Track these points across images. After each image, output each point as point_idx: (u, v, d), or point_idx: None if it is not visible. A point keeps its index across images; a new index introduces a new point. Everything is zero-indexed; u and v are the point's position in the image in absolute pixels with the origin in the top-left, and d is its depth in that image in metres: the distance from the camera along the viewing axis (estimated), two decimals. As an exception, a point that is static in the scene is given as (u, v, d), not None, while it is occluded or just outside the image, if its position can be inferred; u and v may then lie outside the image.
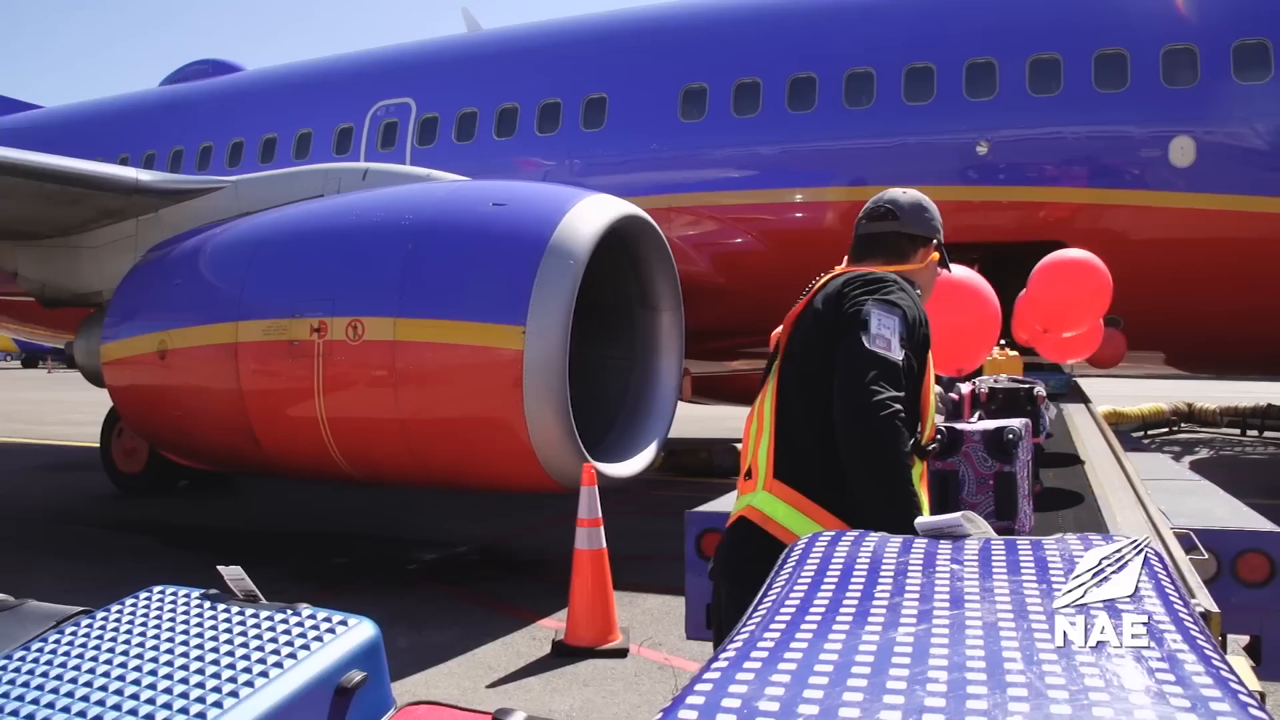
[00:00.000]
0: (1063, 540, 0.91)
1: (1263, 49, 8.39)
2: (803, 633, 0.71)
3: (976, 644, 0.68)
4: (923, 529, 0.98)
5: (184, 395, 7.19)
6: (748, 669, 0.66)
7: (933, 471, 2.56)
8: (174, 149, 13.40)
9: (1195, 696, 0.61)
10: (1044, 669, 0.64)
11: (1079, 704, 0.60)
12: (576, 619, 5.26)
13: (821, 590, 0.80)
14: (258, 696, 1.34)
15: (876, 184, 9.25)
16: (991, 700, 0.60)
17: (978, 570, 0.83)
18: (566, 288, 6.09)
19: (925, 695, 0.60)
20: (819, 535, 0.98)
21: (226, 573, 1.68)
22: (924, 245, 2.53)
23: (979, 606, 0.75)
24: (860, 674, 0.63)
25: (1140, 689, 0.62)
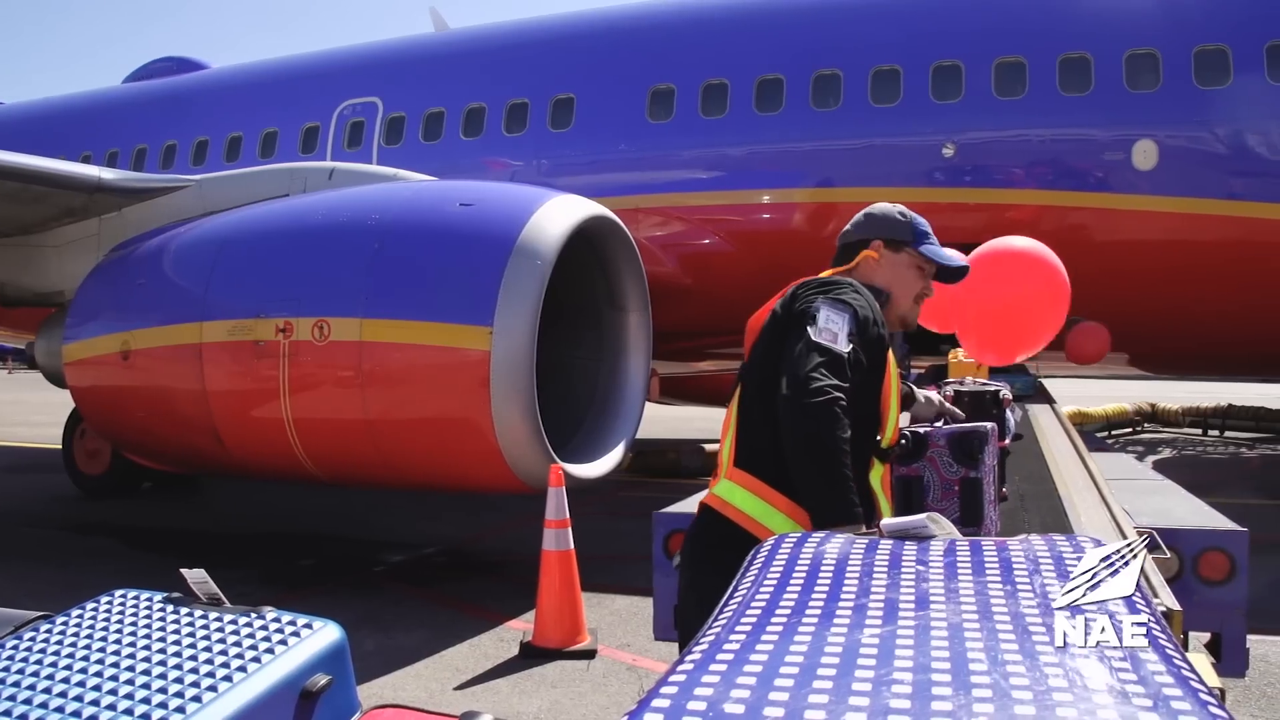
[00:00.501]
0: (1027, 541, 0.92)
1: (1222, 55, 8.50)
2: (768, 634, 0.71)
3: (941, 645, 0.68)
4: (888, 530, 0.99)
5: (148, 396, 7.11)
6: (713, 671, 0.66)
7: (897, 477, 2.60)
8: (137, 147, 13.25)
9: (1157, 695, 0.61)
10: (1009, 669, 0.64)
11: (1043, 704, 0.60)
12: (544, 620, 5.25)
13: (787, 591, 0.80)
14: (222, 701, 1.33)
15: (843, 185, 9.48)
16: (956, 701, 0.60)
17: (943, 572, 0.84)
18: (534, 288, 6.07)
19: (891, 697, 0.60)
20: (785, 536, 0.98)
21: (190, 575, 1.67)
22: (862, 248, 2.61)
23: (944, 608, 0.75)
24: (826, 676, 0.63)
25: (1103, 688, 0.62)
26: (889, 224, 2.63)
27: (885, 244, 2.60)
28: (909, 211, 2.67)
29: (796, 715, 0.59)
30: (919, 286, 2.64)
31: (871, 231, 2.63)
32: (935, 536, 0.95)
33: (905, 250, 2.61)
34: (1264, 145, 8.47)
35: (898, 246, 2.61)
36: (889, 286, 2.59)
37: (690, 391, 14.53)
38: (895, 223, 2.63)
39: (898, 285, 2.60)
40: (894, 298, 2.61)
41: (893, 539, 0.96)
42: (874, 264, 2.60)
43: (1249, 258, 8.47)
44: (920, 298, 2.65)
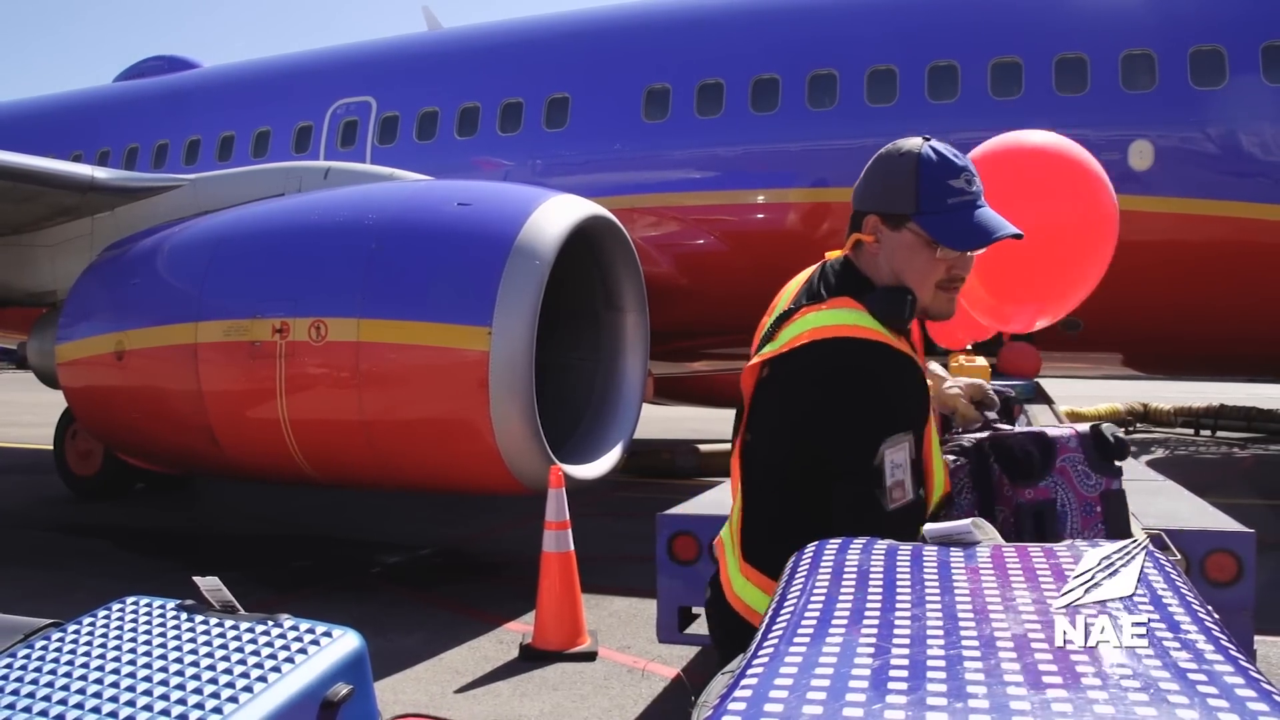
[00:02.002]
0: (1074, 546, 0.91)
1: (1218, 55, 8.52)
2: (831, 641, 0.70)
3: (1010, 660, 0.67)
4: (931, 536, 0.97)
5: (142, 397, 7.08)
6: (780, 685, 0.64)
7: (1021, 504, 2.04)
8: (129, 146, 13.21)
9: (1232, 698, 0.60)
10: (1084, 685, 0.63)
11: (1120, 705, 0.59)
12: (544, 622, 5.23)
13: (840, 599, 0.79)
14: (244, 711, 1.31)
15: (839, 185, 9.45)
16: (1038, 716, 0.59)
17: (995, 580, 0.82)
18: (532, 288, 6.05)
19: (970, 714, 0.59)
20: (826, 543, 0.97)
21: (203, 583, 1.64)
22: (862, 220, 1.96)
23: (1005, 619, 0.74)
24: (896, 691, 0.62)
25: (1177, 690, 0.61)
26: (886, 187, 1.93)
27: (883, 220, 1.92)
28: (931, 151, 1.89)
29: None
30: (938, 272, 1.91)
31: (867, 200, 1.96)
32: (980, 542, 0.93)
33: (907, 226, 1.89)
34: (1259, 146, 8.49)
35: (898, 222, 1.90)
36: (897, 278, 1.91)
37: (685, 392, 14.53)
38: (894, 184, 1.91)
39: (908, 275, 1.91)
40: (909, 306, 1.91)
41: (937, 545, 0.94)
42: (873, 251, 1.94)
43: (1244, 258, 8.49)
44: (949, 284, 1.93)
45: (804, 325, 1.85)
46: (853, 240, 1.97)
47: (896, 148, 1.93)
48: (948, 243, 1.87)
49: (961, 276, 1.94)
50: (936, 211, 1.87)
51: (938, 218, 1.87)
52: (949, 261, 1.89)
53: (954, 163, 1.88)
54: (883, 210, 1.92)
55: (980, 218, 1.88)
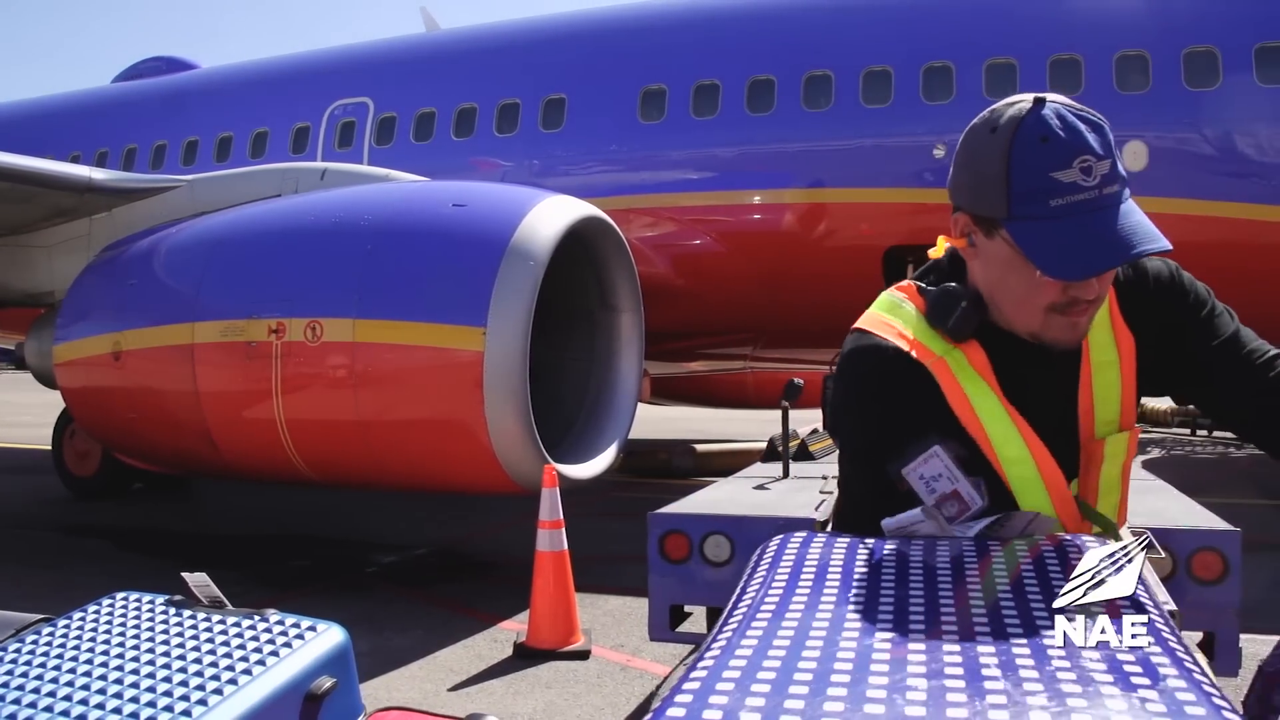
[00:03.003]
0: (1036, 542, 0.93)
1: (1211, 56, 8.54)
2: (781, 636, 0.72)
3: (954, 652, 0.69)
4: (888, 529, 1.00)
5: (139, 397, 7.10)
6: (727, 678, 0.67)
7: None
8: (127, 147, 13.22)
9: (1172, 703, 0.62)
10: (1021, 675, 0.65)
11: (1058, 710, 0.61)
12: (538, 621, 5.25)
13: (796, 592, 0.81)
14: (227, 704, 1.33)
15: (835, 186, 9.49)
16: (971, 709, 0.61)
17: (950, 572, 0.85)
18: (527, 289, 6.08)
19: (905, 704, 0.61)
20: (790, 536, 0.99)
21: (191, 579, 1.67)
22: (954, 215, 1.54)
23: (954, 610, 0.76)
24: (839, 684, 0.64)
25: (1116, 691, 0.63)
26: (974, 177, 1.45)
27: (974, 221, 1.48)
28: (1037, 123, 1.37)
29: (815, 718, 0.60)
30: (1047, 294, 1.42)
31: (957, 193, 1.53)
32: (934, 533, 0.96)
33: (999, 235, 1.43)
34: (1253, 147, 8.51)
35: (990, 228, 1.45)
36: (990, 296, 1.51)
37: (681, 392, 14.54)
38: (983, 173, 1.42)
39: (1001, 296, 1.49)
40: (1004, 311, 1.50)
41: (897, 539, 0.97)
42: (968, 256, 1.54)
43: (1238, 258, 8.51)
44: (1067, 307, 1.43)
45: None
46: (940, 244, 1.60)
47: (991, 120, 1.42)
48: (1043, 265, 1.37)
49: (1084, 299, 1.42)
50: (1034, 217, 1.36)
51: (1035, 226, 1.36)
52: (1061, 282, 1.39)
53: (1069, 144, 1.34)
54: (971, 209, 1.48)
55: (1099, 226, 1.33)
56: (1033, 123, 1.35)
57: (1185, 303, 1.64)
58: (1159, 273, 1.65)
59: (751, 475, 5.96)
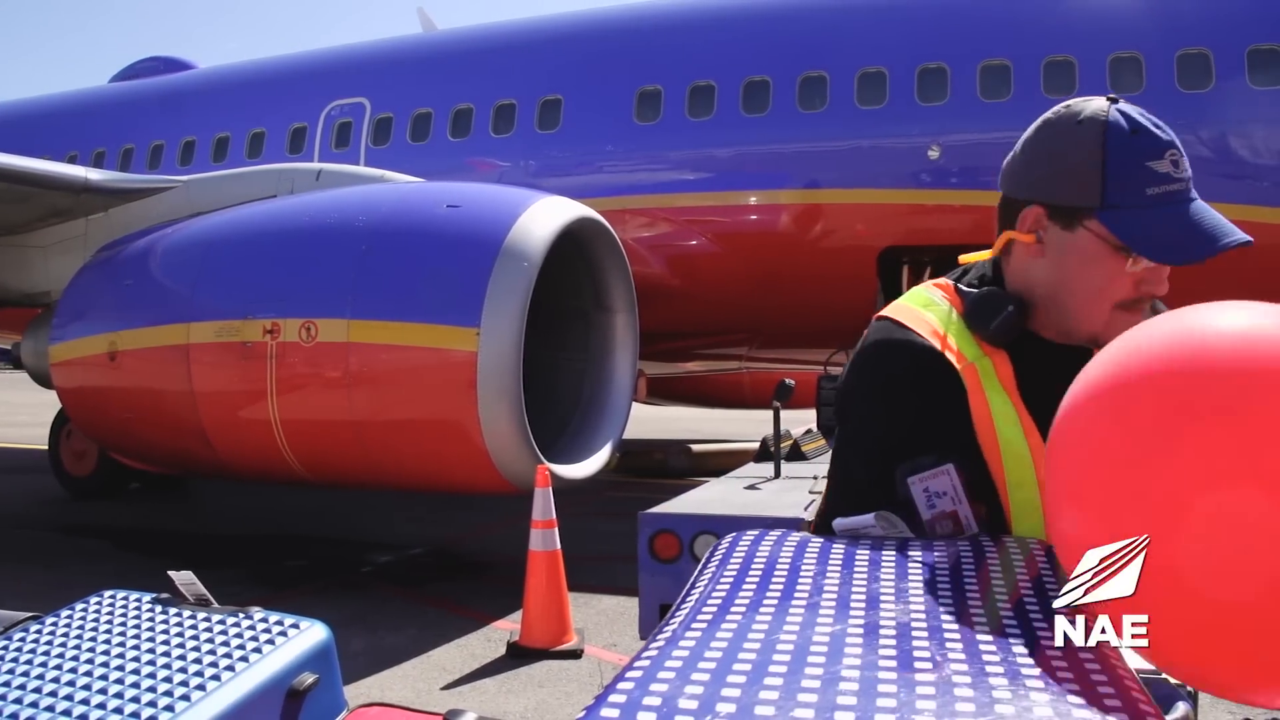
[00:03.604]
0: (975, 541, 0.96)
1: (1204, 59, 8.57)
2: (723, 631, 0.75)
3: (889, 646, 0.72)
4: (839, 529, 1.03)
5: (135, 397, 7.12)
6: (669, 667, 0.70)
7: None
8: (124, 147, 13.24)
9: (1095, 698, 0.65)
10: (952, 669, 0.68)
11: (982, 700, 0.64)
12: (531, 620, 5.28)
13: (743, 589, 0.84)
14: (209, 700, 1.36)
15: (830, 187, 9.52)
16: (900, 699, 0.64)
17: (894, 571, 0.88)
18: (521, 289, 6.11)
19: (837, 694, 0.64)
20: (741, 535, 1.02)
21: (177, 577, 1.69)
22: (1020, 212, 1.46)
23: (894, 608, 0.79)
24: (776, 674, 0.67)
25: (1040, 685, 0.66)
26: (1057, 169, 1.41)
27: (1050, 213, 1.42)
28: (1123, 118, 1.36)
29: (748, 710, 0.63)
30: (1123, 289, 1.40)
31: (1027, 186, 1.47)
32: (885, 535, 0.99)
33: (1086, 225, 1.38)
34: (1246, 149, 8.54)
35: (1071, 218, 1.40)
36: (1052, 296, 1.45)
37: (677, 392, 14.57)
38: (1069, 164, 1.39)
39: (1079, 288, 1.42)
40: (1070, 311, 1.44)
41: (846, 539, 1.00)
42: (1034, 254, 1.46)
43: (1232, 260, 8.53)
44: (1135, 304, 1.41)
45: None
46: (1004, 240, 1.50)
47: (1072, 111, 1.41)
48: (1148, 252, 1.36)
49: (1155, 294, 1.42)
50: (1132, 205, 1.35)
51: (1133, 214, 1.35)
52: (1139, 275, 1.38)
53: (1159, 136, 1.36)
54: (1051, 200, 1.42)
55: (1196, 215, 1.37)
56: (1120, 115, 1.36)
57: None
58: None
59: (743, 475, 6.01)
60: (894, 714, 0.61)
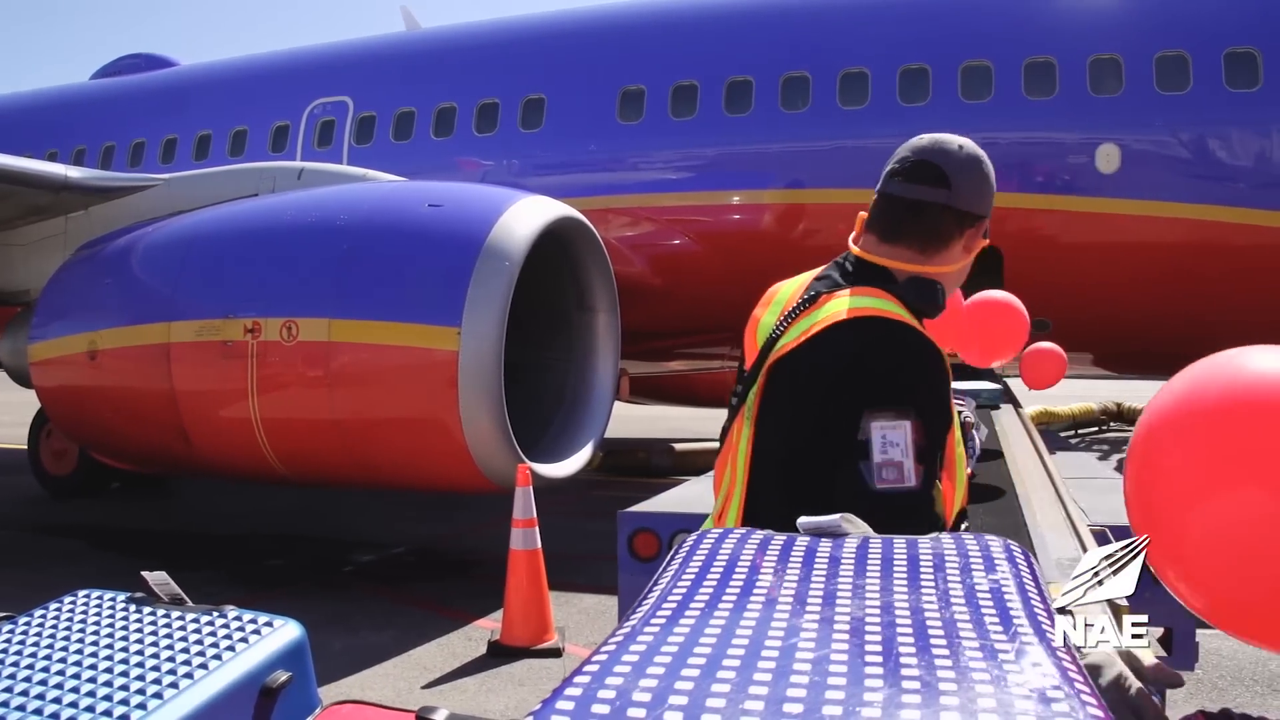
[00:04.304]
0: (937, 540, 0.98)
1: (1183, 61, 8.63)
2: (679, 628, 0.77)
3: (842, 641, 0.74)
4: (804, 528, 1.04)
5: (115, 396, 7.10)
6: (625, 662, 0.71)
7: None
8: (105, 145, 13.18)
9: (1038, 688, 0.67)
10: (901, 663, 0.70)
11: (928, 693, 0.65)
12: (512, 619, 5.29)
13: (703, 586, 0.86)
14: (182, 697, 1.36)
15: (812, 187, 9.54)
16: (848, 691, 0.66)
17: (853, 568, 0.89)
18: (502, 289, 6.11)
19: (788, 687, 0.66)
20: (706, 533, 1.03)
21: (151, 577, 1.70)
22: (971, 228, 1.76)
23: (849, 604, 0.81)
24: (730, 668, 0.69)
25: (986, 679, 0.68)
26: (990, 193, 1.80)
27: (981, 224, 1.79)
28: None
29: (699, 705, 0.64)
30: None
31: (984, 205, 1.78)
32: (849, 534, 1.01)
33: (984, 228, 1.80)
34: (1224, 150, 8.61)
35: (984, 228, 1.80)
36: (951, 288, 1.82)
37: (660, 391, 14.59)
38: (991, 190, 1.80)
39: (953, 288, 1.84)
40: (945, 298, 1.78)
41: (809, 537, 1.01)
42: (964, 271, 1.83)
43: (1210, 260, 8.61)
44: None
45: (834, 308, 1.68)
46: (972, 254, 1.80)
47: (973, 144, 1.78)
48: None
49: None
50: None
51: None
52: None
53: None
54: (987, 215, 1.78)
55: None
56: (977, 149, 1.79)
57: None
58: None
59: (724, 474, 6.02)
60: (840, 705, 0.63)
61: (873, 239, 1.81)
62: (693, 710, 0.63)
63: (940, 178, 1.73)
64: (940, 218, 1.74)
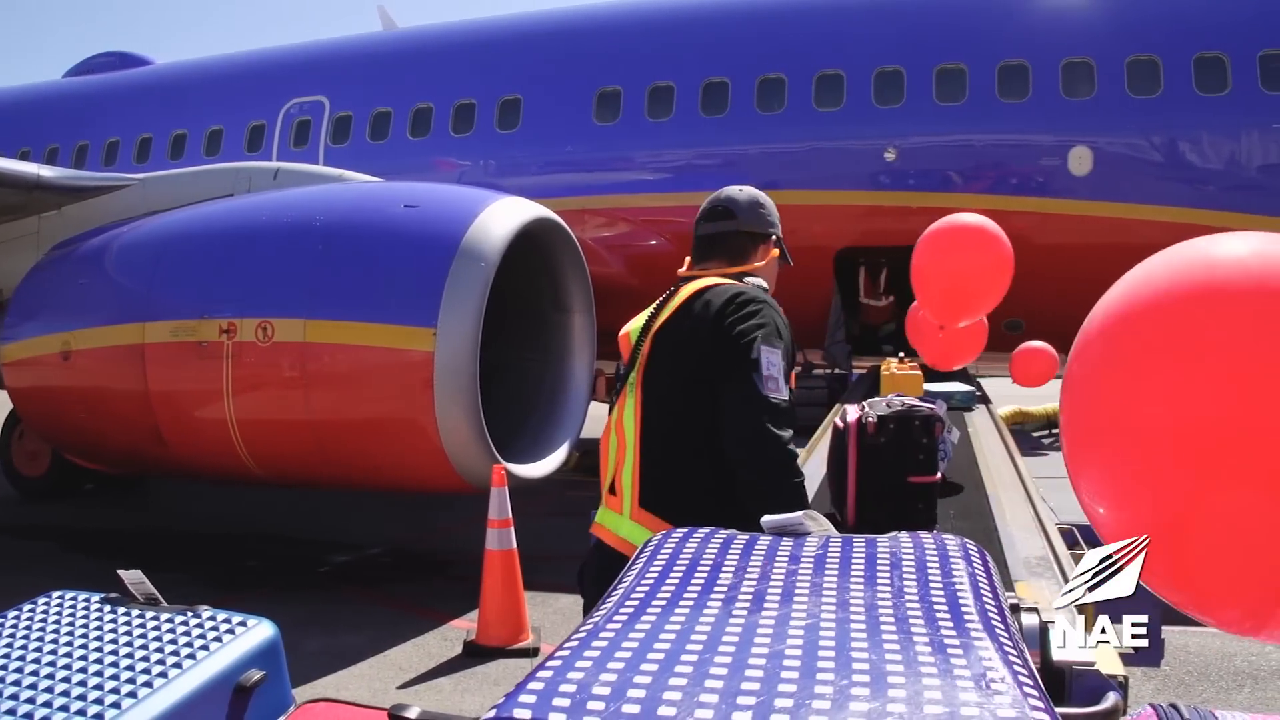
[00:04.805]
0: (895, 539, 1.01)
1: (1154, 65, 8.73)
2: (640, 625, 0.79)
3: (797, 635, 0.76)
4: (768, 526, 1.07)
5: (89, 397, 7.06)
6: (587, 657, 0.73)
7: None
8: (79, 144, 13.08)
9: (981, 678, 0.70)
10: (853, 656, 0.72)
11: (877, 687, 0.68)
12: (487, 619, 5.31)
13: (665, 584, 0.88)
14: (157, 696, 1.38)
15: (789, 188, 9.58)
16: (800, 684, 0.68)
17: (812, 566, 0.92)
18: (477, 290, 6.12)
19: (742, 681, 0.68)
20: (671, 532, 1.06)
21: (127, 576, 1.71)
22: (763, 242, 2.49)
23: (806, 600, 0.84)
24: (688, 662, 0.71)
25: (934, 673, 0.71)
26: (775, 223, 2.52)
27: (775, 242, 2.51)
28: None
29: (655, 699, 0.67)
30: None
31: (770, 227, 2.50)
32: (811, 533, 1.03)
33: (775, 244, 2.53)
34: (1194, 153, 8.71)
35: (778, 246, 2.53)
36: (770, 286, 2.49)
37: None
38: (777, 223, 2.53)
39: (771, 286, 2.50)
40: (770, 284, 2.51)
41: (772, 535, 1.04)
42: (770, 269, 2.50)
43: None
44: None
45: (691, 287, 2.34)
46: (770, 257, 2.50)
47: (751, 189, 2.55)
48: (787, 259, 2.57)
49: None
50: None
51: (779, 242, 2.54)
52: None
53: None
54: (778, 235, 2.52)
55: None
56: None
57: None
58: None
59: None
60: (791, 699, 0.66)
61: (695, 265, 2.50)
62: (650, 703, 0.65)
63: (729, 213, 2.47)
64: (735, 238, 2.46)
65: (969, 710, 0.66)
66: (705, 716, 0.64)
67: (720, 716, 0.64)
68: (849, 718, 0.64)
